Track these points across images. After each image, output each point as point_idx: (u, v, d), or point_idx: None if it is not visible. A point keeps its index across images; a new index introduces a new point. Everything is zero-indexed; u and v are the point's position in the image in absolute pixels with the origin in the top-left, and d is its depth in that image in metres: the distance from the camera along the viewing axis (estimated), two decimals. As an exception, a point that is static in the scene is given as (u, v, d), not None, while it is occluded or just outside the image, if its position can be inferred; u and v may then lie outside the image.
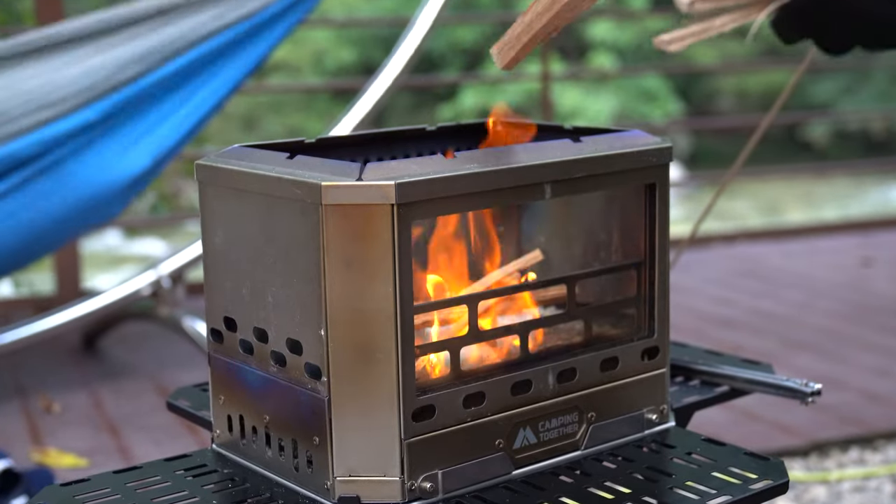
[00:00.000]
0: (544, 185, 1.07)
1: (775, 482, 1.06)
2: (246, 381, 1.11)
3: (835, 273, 3.67)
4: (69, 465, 2.20)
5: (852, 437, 2.34)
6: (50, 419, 2.48)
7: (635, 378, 1.17)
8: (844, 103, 11.10)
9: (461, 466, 1.05)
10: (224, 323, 1.12)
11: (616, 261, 1.20)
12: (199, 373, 2.19)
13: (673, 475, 1.09)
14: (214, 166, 1.10)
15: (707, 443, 1.16)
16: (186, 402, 1.30)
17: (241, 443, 1.13)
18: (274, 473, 1.09)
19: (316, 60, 11.36)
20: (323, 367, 1.01)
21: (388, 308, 0.99)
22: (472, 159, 1.04)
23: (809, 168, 8.52)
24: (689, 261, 3.51)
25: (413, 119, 10.57)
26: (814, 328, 3.07)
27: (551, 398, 1.11)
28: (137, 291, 2.71)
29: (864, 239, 4.15)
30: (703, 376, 1.33)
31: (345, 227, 0.98)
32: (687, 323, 3.08)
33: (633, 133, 1.17)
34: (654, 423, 1.18)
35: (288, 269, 1.03)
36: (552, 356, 1.12)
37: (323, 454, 1.02)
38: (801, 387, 1.25)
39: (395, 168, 1.00)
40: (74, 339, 2.97)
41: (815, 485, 2.18)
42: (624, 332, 1.19)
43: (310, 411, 1.03)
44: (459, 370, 1.07)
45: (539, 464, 1.11)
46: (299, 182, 1.00)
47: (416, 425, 1.02)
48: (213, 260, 1.12)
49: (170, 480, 1.11)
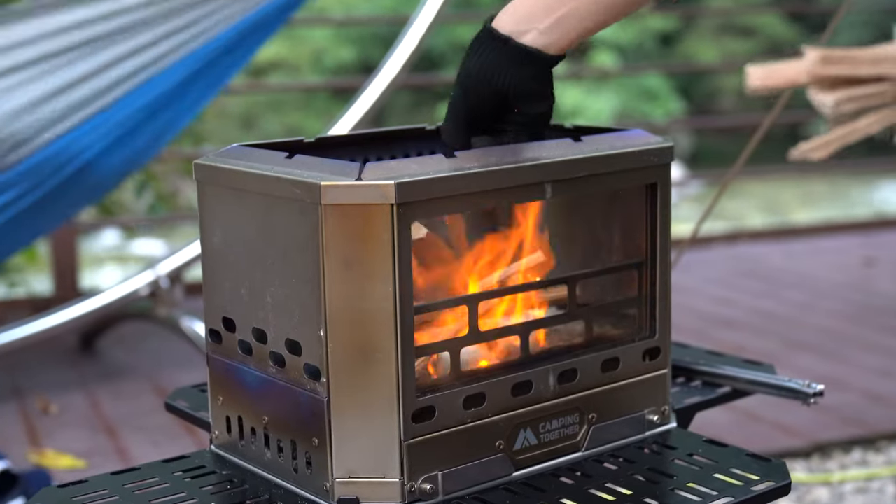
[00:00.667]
0: (545, 184, 1.07)
1: (777, 483, 1.06)
2: (245, 381, 1.11)
3: (837, 273, 3.67)
4: (67, 467, 2.20)
5: (855, 439, 2.34)
6: (47, 420, 2.47)
7: (636, 379, 1.17)
8: (847, 102, 11.08)
9: (461, 468, 1.05)
10: (223, 323, 1.12)
11: (617, 261, 1.20)
12: (197, 373, 2.19)
13: (674, 476, 1.09)
14: (213, 166, 1.10)
15: (708, 444, 1.16)
16: (185, 402, 1.30)
17: (239, 444, 1.13)
18: (273, 475, 1.09)
19: (315, 59, 11.37)
20: (322, 368, 1.01)
21: (388, 308, 0.99)
22: (473, 159, 1.04)
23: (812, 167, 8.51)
24: (690, 261, 3.51)
25: (413, 118, 10.57)
26: (816, 329, 3.07)
27: (552, 399, 1.11)
28: (135, 291, 2.71)
29: (867, 239, 4.15)
30: (704, 377, 1.33)
31: (344, 227, 0.98)
32: (688, 323, 3.08)
33: (634, 132, 1.17)
34: (655, 424, 1.18)
35: (287, 269, 1.03)
36: (553, 357, 1.12)
37: (322, 455, 1.02)
38: (803, 388, 1.25)
39: (395, 168, 1.00)
40: (72, 339, 2.97)
41: (818, 486, 2.18)
42: (625, 333, 1.19)
43: (309, 412, 1.03)
44: (459, 371, 1.07)
45: (540, 465, 1.11)
46: (298, 182, 1.00)
47: (416, 426, 1.02)
48: (212, 260, 1.12)
49: (168, 482, 1.11)
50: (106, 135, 2.43)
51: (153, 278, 2.71)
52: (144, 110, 2.48)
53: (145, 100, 2.47)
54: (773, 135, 2.34)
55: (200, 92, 2.60)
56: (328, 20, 8.37)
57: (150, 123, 2.53)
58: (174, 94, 2.51)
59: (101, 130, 2.42)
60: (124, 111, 2.44)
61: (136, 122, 2.48)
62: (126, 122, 2.46)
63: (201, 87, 2.58)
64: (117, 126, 2.44)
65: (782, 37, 11.80)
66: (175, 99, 2.53)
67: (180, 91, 2.52)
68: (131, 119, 2.46)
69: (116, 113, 2.43)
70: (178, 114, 2.60)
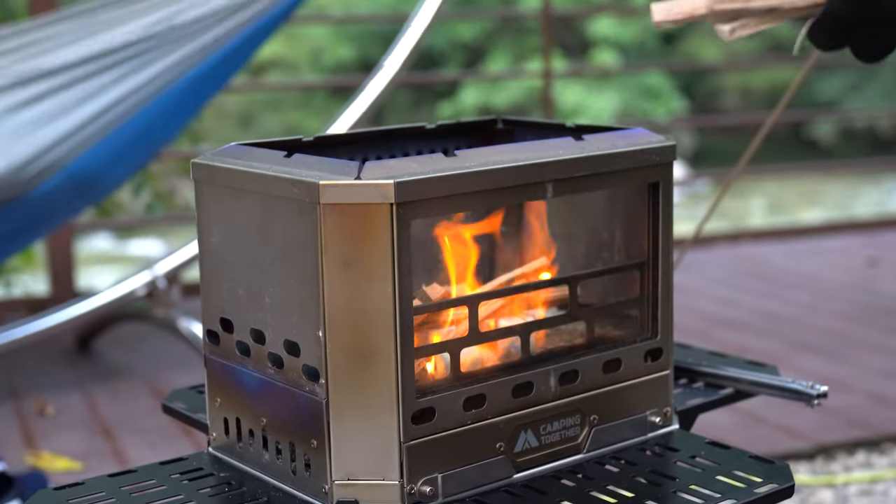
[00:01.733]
0: (546, 184, 1.07)
1: (780, 486, 1.06)
2: (243, 383, 1.11)
3: (841, 273, 3.67)
4: (63, 469, 2.20)
5: (859, 440, 2.34)
6: (43, 422, 2.48)
7: (638, 380, 1.17)
8: (851, 101, 11.11)
9: (461, 470, 1.05)
10: (220, 324, 1.12)
11: (619, 261, 1.20)
12: (195, 375, 2.19)
13: (676, 479, 1.09)
14: (211, 165, 1.10)
15: (711, 446, 1.16)
16: (182, 404, 1.30)
17: (237, 446, 1.13)
18: (271, 477, 1.09)
19: (314, 57, 11.37)
20: (321, 369, 1.01)
21: (388, 309, 0.99)
22: (473, 158, 1.04)
23: (815, 167, 8.52)
24: (692, 261, 3.51)
25: (412, 117, 10.58)
26: (819, 329, 3.07)
27: (553, 400, 1.11)
28: (132, 292, 2.71)
29: (871, 238, 4.15)
30: (707, 378, 1.33)
31: (343, 227, 0.98)
32: (691, 324, 3.08)
33: (636, 131, 1.17)
34: (657, 425, 1.18)
35: (285, 269, 1.03)
36: (554, 358, 1.12)
37: (321, 457, 1.02)
38: (806, 389, 1.25)
39: (395, 167, 1.00)
40: (68, 340, 2.97)
41: (821, 488, 2.18)
42: (627, 334, 1.19)
43: (308, 414, 1.03)
44: (460, 372, 1.07)
45: (540, 467, 1.11)
46: (297, 181, 1.00)
47: (416, 428, 1.02)
48: (210, 260, 1.12)
49: (165, 484, 1.11)
50: (115, 150, 2.47)
51: (150, 279, 2.72)
52: (151, 123, 2.51)
53: (152, 113, 2.50)
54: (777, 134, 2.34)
55: (203, 96, 2.63)
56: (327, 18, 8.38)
57: (155, 133, 2.57)
58: (179, 103, 2.54)
59: (112, 148, 2.46)
60: (133, 127, 2.48)
61: (143, 134, 2.52)
62: (133, 136, 2.49)
63: (204, 92, 2.61)
64: (125, 141, 2.48)
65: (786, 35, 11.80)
66: (179, 107, 2.56)
67: (185, 99, 2.55)
68: (138, 132, 2.50)
69: (126, 129, 2.47)
70: (181, 119, 2.63)
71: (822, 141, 11.40)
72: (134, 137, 2.50)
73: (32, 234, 2.62)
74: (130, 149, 2.52)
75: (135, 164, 2.67)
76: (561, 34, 10.74)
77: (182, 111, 2.60)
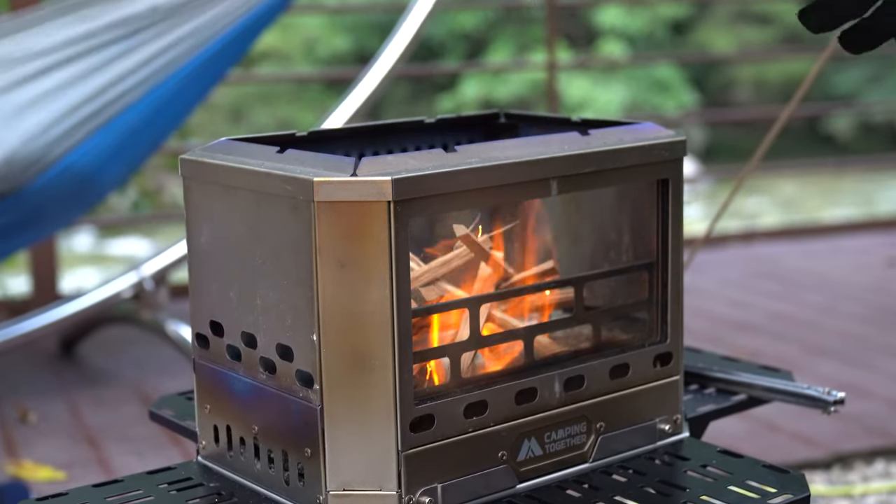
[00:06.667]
0: (550, 181, 1.07)
1: (796, 496, 1.06)
2: (233, 389, 1.11)
3: (859, 274, 3.67)
4: (46, 479, 2.20)
5: (877, 449, 2.34)
6: (25, 429, 2.48)
7: (647, 386, 1.17)
8: (869, 94, 11.10)
9: (462, 480, 1.05)
10: (210, 327, 1.13)
11: (626, 261, 1.21)
12: (183, 380, 2.19)
13: (687, 489, 1.09)
14: (200, 161, 1.10)
15: (723, 455, 1.16)
16: (170, 411, 1.30)
17: (228, 455, 1.13)
18: (263, 487, 1.09)
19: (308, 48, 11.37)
20: (315, 375, 1.01)
21: (385, 311, 0.99)
22: (474, 154, 1.04)
23: (831, 163, 8.53)
24: (703, 261, 3.51)
25: (411, 110, 10.58)
26: (836, 333, 3.07)
27: (558, 407, 1.11)
28: (118, 294, 2.71)
29: (890, 238, 4.15)
30: (718, 384, 1.33)
31: (338, 226, 0.98)
32: (702, 327, 3.08)
33: (645, 126, 1.17)
34: (666, 433, 1.19)
35: (278, 270, 1.03)
36: (559, 363, 1.13)
37: (315, 467, 1.02)
38: (823, 395, 1.25)
39: (392, 163, 1.00)
40: (51, 344, 2.97)
41: (838, 499, 2.18)
42: (635, 337, 1.19)
43: (301, 421, 1.03)
44: (460, 377, 1.07)
45: (545, 477, 1.11)
46: (290, 178, 1.00)
47: (414, 436, 1.02)
48: (199, 260, 1.13)
49: (153, 494, 1.11)
50: (107, 148, 2.47)
51: (137, 280, 2.72)
52: (143, 119, 2.52)
53: (145, 109, 2.51)
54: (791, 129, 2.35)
55: (197, 92, 2.64)
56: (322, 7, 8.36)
57: (149, 130, 2.58)
58: (172, 99, 2.55)
59: (103, 145, 2.47)
60: (124, 123, 2.49)
61: (136, 131, 2.53)
62: (125, 134, 2.50)
63: (199, 87, 2.62)
64: (118, 138, 2.49)
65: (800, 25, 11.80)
66: (173, 103, 2.57)
67: (178, 95, 2.56)
68: (131, 130, 2.51)
69: (116, 126, 2.48)
70: (175, 116, 2.64)
71: (839, 136, 11.40)
72: (129, 132, 2.50)
73: (30, 235, 2.61)
74: (126, 143, 2.52)
75: (131, 161, 2.67)
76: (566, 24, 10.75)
77: (179, 104, 2.60)
